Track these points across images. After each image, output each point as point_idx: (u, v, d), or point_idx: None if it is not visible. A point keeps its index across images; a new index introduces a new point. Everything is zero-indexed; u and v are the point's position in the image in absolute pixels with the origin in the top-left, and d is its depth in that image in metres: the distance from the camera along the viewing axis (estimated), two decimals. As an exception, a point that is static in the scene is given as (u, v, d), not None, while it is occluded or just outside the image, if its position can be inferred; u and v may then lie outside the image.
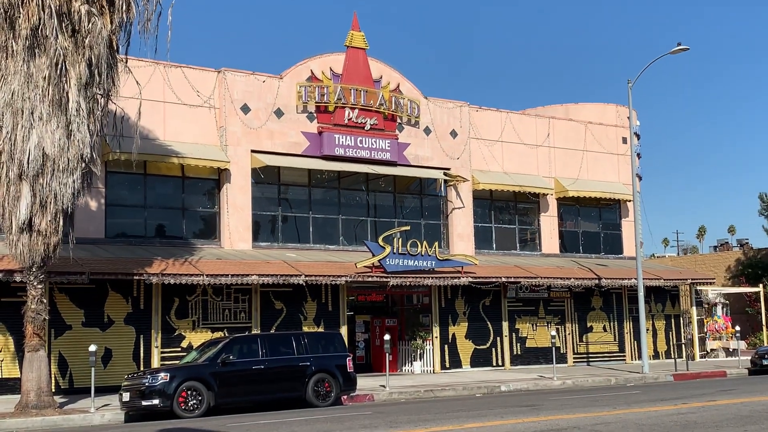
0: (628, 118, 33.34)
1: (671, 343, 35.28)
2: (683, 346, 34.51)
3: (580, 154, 36.57)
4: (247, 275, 25.29)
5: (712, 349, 38.35)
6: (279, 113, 29.05)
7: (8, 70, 19.06)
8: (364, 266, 27.69)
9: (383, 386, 23.84)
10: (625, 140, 37.43)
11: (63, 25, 19.06)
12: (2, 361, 23.11)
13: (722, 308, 40.03)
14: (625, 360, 35.53)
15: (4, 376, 23.07)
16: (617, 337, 35.90)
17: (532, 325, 33.42)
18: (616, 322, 35.91)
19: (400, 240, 28.68)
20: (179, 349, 25.47)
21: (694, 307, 37.92)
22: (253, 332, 26.19)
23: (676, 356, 31.16)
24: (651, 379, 27.82)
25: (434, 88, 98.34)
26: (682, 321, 37.97)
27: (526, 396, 22.25)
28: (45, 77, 18.93)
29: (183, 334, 25.81)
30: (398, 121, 31.41)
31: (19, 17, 18.86)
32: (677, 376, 28.40)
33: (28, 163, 18.79)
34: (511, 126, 34.91)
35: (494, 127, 34.46)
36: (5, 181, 19.19)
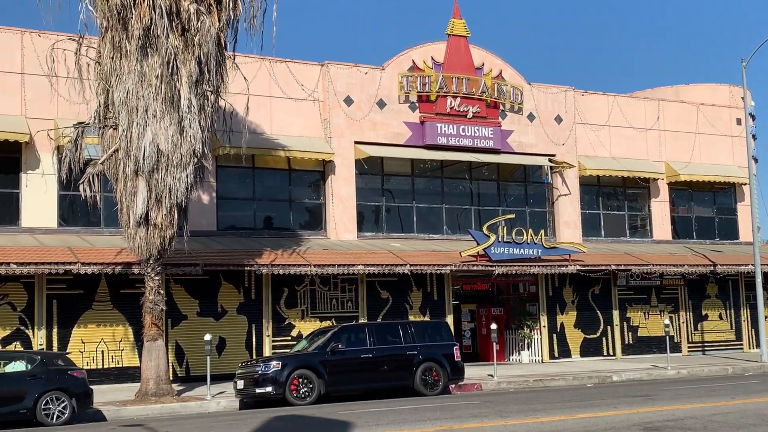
0: (742, 98, 32.04)
1: (793, 332, 33.83)
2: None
3: (692, 136, 35.35)
4: (353, 265, 25.47)
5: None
6: (381, 104, 29.13)
7: (122, 69, 19.59)
8: (469, 255, 27.52)
9: (491, 375, 23.71)
10: (739, 122, 36.01)
11: (173, 24, 19.47)
12: (122, 350, 23.93)
13: None
14: (742, 349, 34.27)
15: (124, 365, 23.89)
16: (734, 326, 34.67)
17: (644, 313, 32.62)
18: (732, 310, 34.67)
19: (505, 228, 28.35)
20: (289, 337, 25.92)
21: (816, 294, 36.21)
22: (360, 321, 26.38)
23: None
24: (770, 368, 26.81)
25: (537, 74, 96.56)
26: (802, 308, 36.28)
27: (639, 386, 21.73)
28: (157, 75, 19.37)
29: (292, 323, 26.25)
30: (501, 108, 31.06)
31: (132, 18, 19.38)
32: (798, 365, 27.24)
33: (143, 160, 19.33)
34: (619, 109, 34.05)
35: (601, 111, 33.68)
36: (122, 177, 19.85)
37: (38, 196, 24.36)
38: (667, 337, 27.37)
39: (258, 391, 19.19)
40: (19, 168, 24.33)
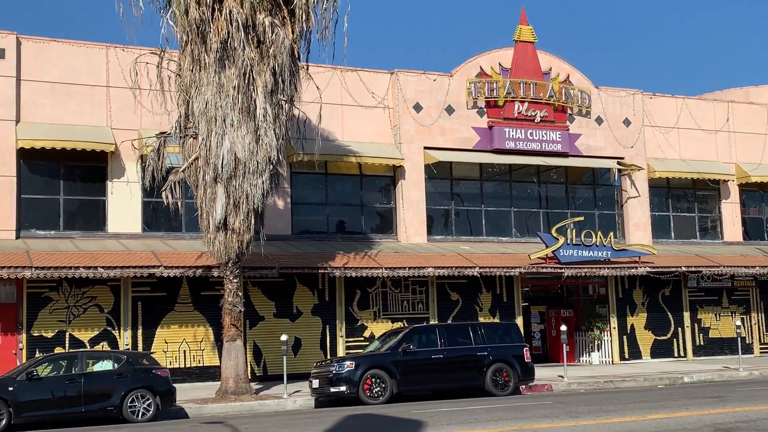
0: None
1: None
2: None
3: (762, 137, 34.42)
4: (424, 267, 25.48)
5: None
6: (450, 110, 29.11)
7: (201, 81, 19.88)
8: (538, 257, 27.30)
9: (561, 377, 23.47)
10: (813, 121, 34.90)
11: (249, 37, 19.65)
12: (203, 350, 24.33)
13: None
14: (817, 351, 33.21)
15: (205, 364, 24.31)
16: (807, 327, 33.60)
17: (715, 315, 31.87)
18: (805, 311, 33.63)
19: (574, 231, 28.06)
20: (362, 338, 26.03)
21: None
22: (430, 323, 26.39)
23: None
24: None
25: (605, 77, 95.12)
26: None
27: (711, 387, 21.24)
28: (234, 86, 19.61)
29: (365, 324, 26.37)
30: (569, 112, 30.74)
31: (210, 32, 19.68)
32: None
33: (222, 167, 19.60)
34: (688, 112, 33.37)
35: (669, 113, 33.05)
36: (202, 184, 20.16)
37: (123, 203, 24.93)
38: (739, 339, 26.73)
39: (332, 390, 19.33)
40: (106, 176, 24.91)
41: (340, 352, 25.60)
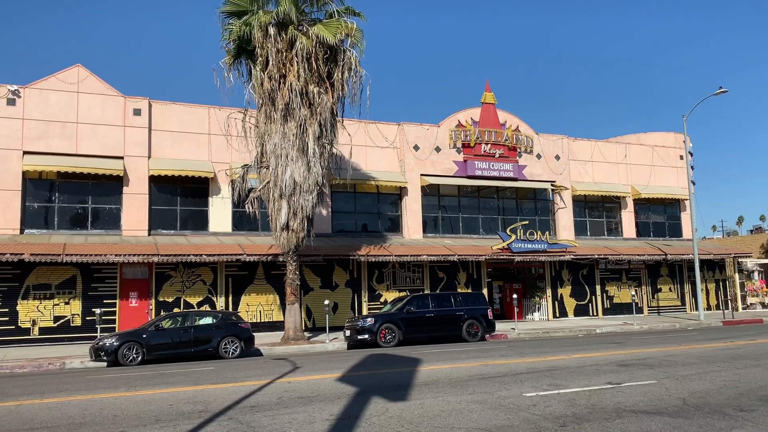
0: (684, 141, 30.91)
1: (720, 299, 32.62)
2: (729, 301, 31.83)
3: (649, 168, 34.27)
4: (420, 255, 25.48)
5: (751, 304, 34.97)
6: (438, 149, 29.10)
7: (271, 130, 19.95)
8: (498, 248, 27.22)
9: (513, 329, 23.36)
10: (681, 157, 34.68)
11: (303, 100, 19.72)
12: (272, 311, 24.34)
13: (758, 274, 36.43)
14: (685, 311, 32.91)
15: (273, 320, 24.31)
16: (679, 296, 33.31)
17: (617, 287, 31.67)
18: (678, 285, 33.33)
19: (521, 230, 27.98)
20: (379, 303, 26.04)
21: (737, 274, 34.60)
22: (425, 292, 26.37)
23: (724, 309, 28.64)
24: (705, 324, 25.62)
25: (543, 125, 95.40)
26: (728, 284, 34.72)
27: (615, 336, 21.09)
28: (294, 134, 19.68)
29: (380, 293, 26.37)
30: (518, 150, 30.66)
31: (277, 98, 19.78)
32: (725, 322, 25.98)
33: (285, 188, 19.66)
34: (598, 150, 33.22)
35: (586, 151, 32.91)
36: (272, 200, 20.20)
37: (219, 212, 25.07)
38: (634, 303, 26.57)
39: (359, 337, 19.33)
40: (208, 194, 25.08)
41: (365, 311, 25.62)
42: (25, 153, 22.34)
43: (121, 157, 23.49)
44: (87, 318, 21.40)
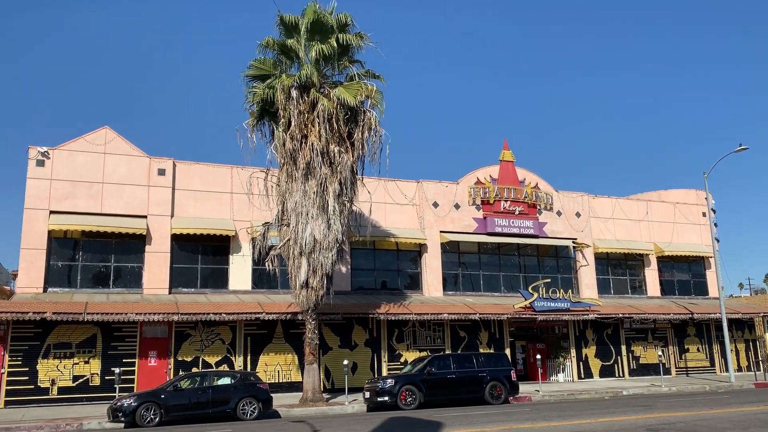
0: (706, 199, 30.76)
1: (750, 360, 31.64)
2: (760, 362, 30.80)
3: (671, 225, 33.98)
4: (440, 313, 25.20)
5: (784, 365, 33.78)
6: (457, 206, 29.25)
7: (293, 189, 20.17)
8: (520, 307, 26.88)
9: (537, 391, 22.80)
10: (704, 214, 34.42)
11: (324, 159, 20.01)
12: (290, 371, 24.02)
13: (791, 334, 35.32)
14: (715, 372, 31.88)
15: (292, 381, 23.95)
16: (708, 356, 32.37)
17: (643, 347, 30.89)
18: (706, 345, 32.45)
19: (543, 288, 27.66)
20: (399, 363, 25.62)
21: (767, 333, 33.66)
22: (446, 352, 25.95)
23: (755, 370, 27.71)
24: (737, 387, 24.78)
25: (562, 182, 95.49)
26: (758, 344, 33.72)
27: (642, 398, 20.47)
28: (314, 192, 19.87)
29: (401, 353, 25.99)
30: (538, 207, 30.69)
31: (299, 157, 20.10)
32: (758, 384, 25.11)
33: (305, 245, 19.71)
34: (619, 208, 33.12)
35: (607, 208, 32.83)
36: (292, 257, 20.25)
37: (239, 269, 25.22)
38: (661, 364, 25.90)
39: (379, 399, 19.00)
40: (228, 251, 25.29)
41: (384, 372, 25.21)
42: (51, 212, 22.94)
43: (145, 216, 23.97)
44: (106, 377, 21.38)
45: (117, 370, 18.87)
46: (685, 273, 34.48)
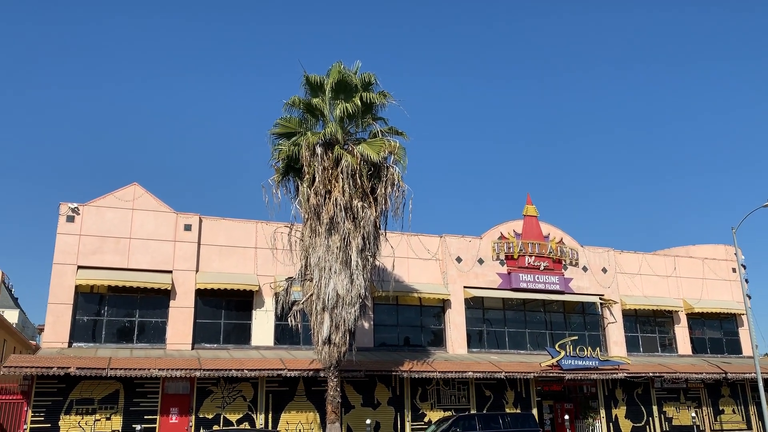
0: (735, 254, 30.16)
1: (793, 423, 30.04)
2: (805, 425, 29.26)
3: (700, 281, 33.25)
4: (465, 372, 24.69)
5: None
6: (480, 261, 29.07)
7: (316, 244, 20.22)
8: (546, 365, 26.23)
9: (567, 453, 21.91)
10: (734, 270, 33.67)
11: (347, 215, 20.10)
12: (312, 429, 23.51)
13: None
14: (756, 437, 30.46)
15: (313, 439, 23.57)
16: (744, 418, 30.95)
17: (676, 408, 29.71)
18: (742, 406, 31.11)
19: (571, 346, 27.00)
20: (423, 423, 24.97)
21: (811, 395, 32.15)
22: (471, 412, 25.25)
23: (801, 435, 26.33)
24: (783, 453, 23.59)
25: (588, 237, 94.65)
26: (802, 406, 32.17)
27: (680, 464, 19.51)
28: (338, 247, 19.89)
29: (425, 412, 25.35)
30: (563, 263, 30.34)
31: (322, 212, 20.24)
32: (806, 451, 23.87)
33: (328, 301, 19.58)
34: (647, 263, 32.60)
35: (634, 264, 32.33)
36: (314, 312, 20.09)
37: (262, 324, 25.15)
38: (695, 426, 24.82)
39: (402, 460, 18.47)
40: (251, 306, 25.30)
41: (407, 432, 24.58)
42: (79, 267, 23.33)
43: (170, 271, 24.23)
44: (126, 434, 21.17)
45: (138, 428, 18.70)
46: (716, 330, 33.47)
